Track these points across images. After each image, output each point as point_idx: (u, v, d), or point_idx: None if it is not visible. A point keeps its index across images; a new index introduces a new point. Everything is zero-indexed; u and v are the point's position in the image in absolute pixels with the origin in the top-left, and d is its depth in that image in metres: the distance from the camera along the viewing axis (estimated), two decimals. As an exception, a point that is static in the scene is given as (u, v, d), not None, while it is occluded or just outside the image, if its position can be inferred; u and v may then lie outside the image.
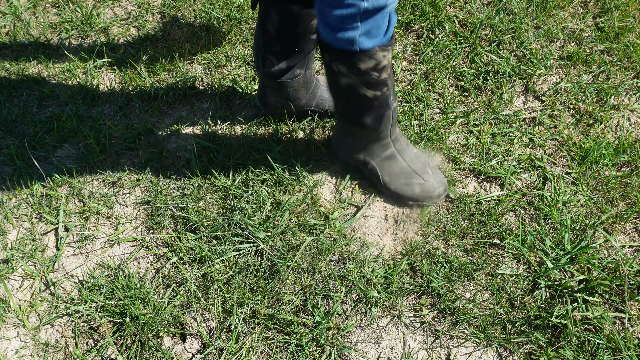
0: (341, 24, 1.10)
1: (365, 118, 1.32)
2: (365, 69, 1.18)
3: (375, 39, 1.14)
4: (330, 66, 1.22)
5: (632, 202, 1.46)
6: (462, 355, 1.27)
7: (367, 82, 1.22)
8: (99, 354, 1.29)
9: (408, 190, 1.44)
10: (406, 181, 1.44)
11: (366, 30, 1.11)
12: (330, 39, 1.15)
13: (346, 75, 1.21)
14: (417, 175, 1.44)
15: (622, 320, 1.29)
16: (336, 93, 1.31)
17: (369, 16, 1.08)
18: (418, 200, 1.44)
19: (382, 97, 1.27)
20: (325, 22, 1.13)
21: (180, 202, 1.49)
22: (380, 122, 1.34)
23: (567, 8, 1.89)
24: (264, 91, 1.57)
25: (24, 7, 2.00)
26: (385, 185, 1.46)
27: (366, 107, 1.29)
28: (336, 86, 1.27)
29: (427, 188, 1.44)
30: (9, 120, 1.70)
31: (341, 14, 1.07)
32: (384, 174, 1.45)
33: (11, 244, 1.46)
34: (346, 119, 1.39)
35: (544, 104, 1.68)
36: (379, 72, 1.21)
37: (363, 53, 1.15)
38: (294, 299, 1.33)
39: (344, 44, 1.14)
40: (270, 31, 1.37)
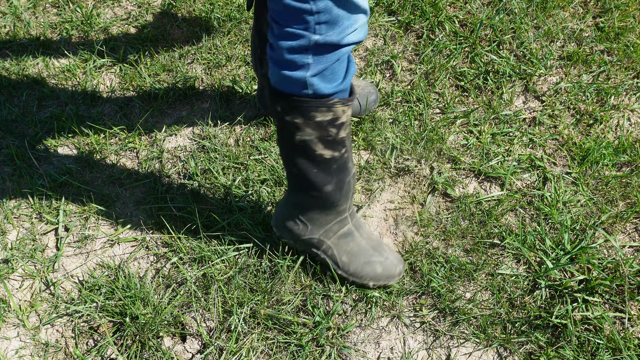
0: (290, 59, 0.98)
1: (325, 185, 1.17)
2: (322, 121, 1.06)
3: (331, 84, 1.02)
4: (283, 119, 1.08)
5: (632, 202, 1.46)
6: (462, 355, 1.27)
7: (324, 139, 1.09)
8: (99, 354, 1.29)
9: (369, 270, 1.30)
10: (366, 260, 1.30)
11: (319, 70, 0.99)
12: (281, 82, 1.03)
13: (301, 128, 1.07)
14: (376, 252, 1.31)
15: (622, 320, 1.29)
16: (291, 154, 1.15)
17: (321, 53, 0.98)
18: (379, 280, 1.31)
19: (340, 159, 1.14)
20: (274, 59, 1.02)
21: (181, 202, 1.49)
22: (340, 190, 1.20)
23: (567, 8, 1.89)
24: (263, 92, 1.57)
25: (24, 7, 2.00)
26: (343, 267, 1.31)
27: (324, 171, 1.15)
28: (291, 144, 1.12)
29: (388, 266, 1.31)
30: (9, 120, 1.70)
31: (291, 46, 0.97)
32: (341, 254, 1.30)
33: (11, 244, 1.46)
34: (302, 188, 1.21)
35: (544, 104, 1.68)
36: (337, 129, 1.09)
37: (319, 100, 1.03)
38: (294, 299, 1.33)
39: (297, 89, 1.02)
40: (265, 32, 1.37)
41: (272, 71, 1.04)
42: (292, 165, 1.17)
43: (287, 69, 1.00)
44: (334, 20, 0.94)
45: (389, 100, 1.68)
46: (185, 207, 1.48)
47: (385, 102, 1.68)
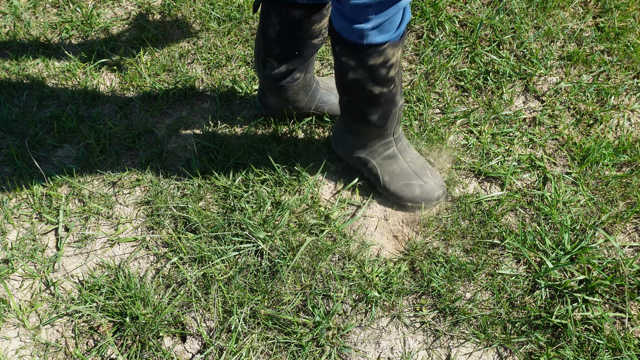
0: (355, 14, 1.08)
1: (371, 115, 1.31)
2: (374, 64, 1.17)
3: (386, 34, 1.12)
4: (340, 59, 1.21)
5: (632, 202, 1.46)
6: (462, 355, 1.27)
7: (375, 78, 1.21)
8: (99, 354, 1.29)
9: (407, 191, 1.43)
10: (406, 182, 1.43)
11: (378, 23, 1.09)
12: (342, 29, 1.13)
13: (354, 69, 1.19)
14: (417, 176, 1.43)
15: (622, 320, 1.29)
16: (343, 87, 1.29)
17: (383, 8, 1.06)
18: (417, 202, 1.43)
19: (389, 94, 1.26)
20: (339, 10, 1.11)
21: (181, 202, 1.49)
22: (385, 119, 1.32)
23: (567, 8, 1.89)
24: (264, 93, 1.57)
25: (24, 7, 2.00)
26: (384, 186, 1.44)
27: (372, 104, 1.28)
28: (343, 80, 1.25)
29: (427, 190, 1.43)
30: (9, 120, 1.70)
31: (356, 3, 1.05)
32: (383, 174, 1.43)
33: (11, 244, 1.46)
34: (351, 114, 1.37)
35: (544, 104, 1.68)
36: (388, 69, 1.19)
37: (372, 48, 1.14)
38: (294, 299, 1.33)
39: (354, 37, 1.12)
40: (271, 34, 1.37)
41: (336, 18, 1.14)
42: (344, 95, 1.31)
43: (349, 20, 1.10)
44: None
45: (389, 100, 1.68)
46: (185, 207, 1.48)
47: (385, 102, 1.68)
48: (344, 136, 1.45)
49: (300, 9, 1.29)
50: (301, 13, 1.29)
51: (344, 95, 1.32)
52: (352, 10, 1.08)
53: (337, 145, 1.50)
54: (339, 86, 1.31)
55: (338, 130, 1.48)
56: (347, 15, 1.10)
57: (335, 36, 1.18)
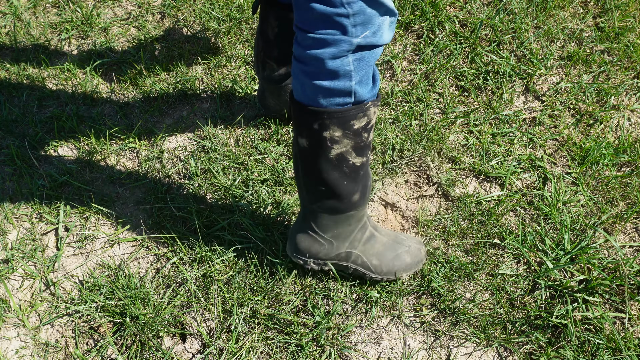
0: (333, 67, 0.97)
1: (353, 194, 1.16)
2: (358, 128, 1.06)
3: (367, 88, 1.03)
4: (320, 137, 1.05)
5: (632, 202, 1.46)
6: (462, 355, 1.27)
7: (357, 146, 1.09)
8: (99, 354, 1.29)
9: (400, 263, 1.31)
10: (393, 254, 1.31)
11: (360, 77, 0.99)
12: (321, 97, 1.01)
13: (339, 141, 1.06)
14: (398, 244, 1.32)
15: (622, 320, 1.29)
16: (321, 173, 1.12)
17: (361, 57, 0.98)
18: (412, 269, 1.32)
19: (366, 164, 1.15)
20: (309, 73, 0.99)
21: (181, 202, 1.49)
22: (364, 197, 1.20)
23: (567, 8, 1.89)
24: (264, 94, 1.57)
25: (24, 7, 2.00)
26: (376, 270, 1.30)
27: (354, 180, 1.14)
28: (324, 162, 1.09)
29: (414, 252, 1.33)
30: (9, 120, 1.70)
31: (332, 53, 0.95)
32: (371, 259, 1.29)
33: (11, 244, 1.46)
34: (328, 206, 1.19)
35: (544, 104, 1.68)
36: (368, 133, 1.09)
37: (358, 107, 1.03)
38: (294, 299, 1.33)
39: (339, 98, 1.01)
40: (269, 36, 1.37)
41: (306, 87, 1.01)
42: (321, 183, 1.13)
43: (329, 79, 0.98)
44: (367, 21, 0.94)
45: (389, 100, 1.68)
46: (185, 207, 1.48)
47: (386, 102, 1.68)
48: (314, 242, 1.26)
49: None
50: None
51: (322, 183, 1.13)
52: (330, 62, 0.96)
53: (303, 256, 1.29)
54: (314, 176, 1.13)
55: (301, 239, 1.27)
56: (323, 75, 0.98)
57: (309, 113, 1.03)
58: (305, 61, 0.98)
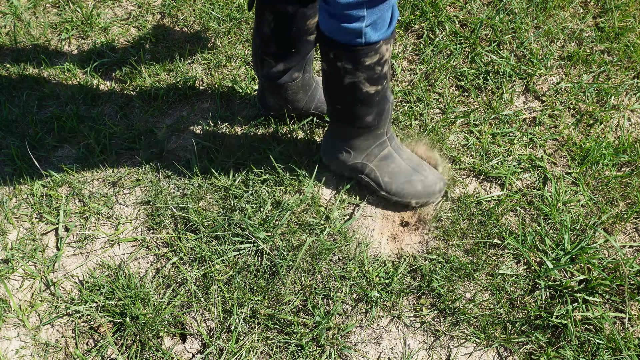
0: (347, 13, 1.07)
1: (367, 116, 1.30)
2: (370, 63, 1.17)
3: (379, 31, 1.12)
4: (335, 64, 1.20)
5: (633, 202, 1.46)
6: (462, 355, 1.27)
7: (371, 78, 1.21)
8: (99, 354, 1.29)
9: (410, 188, 1.42)
10: (406, 179, 1.41)
11: (372, 21, 1.09)
12: (336, 32, 1.13)
13: (351, 72, 1.19)
14: (416, 172, 1.42)
15: (622, 320, 1.29)
16: (338, 94, 1.28)
17: (375, 5, 1.07)
18: (421, 197, 1.42)
19: (382, 91, 1.26)
20: (330, 12, 1.10)
21: (181, 202, 1.49)
22: (380, 118, 1.32)
23: (567, 8, 1.89)
24: (263, 93, 1.57)
25: (25, 7, 2.00)
26: (385, 187, 1.43)
27: (368, 104, 1.27)
28: (339, 86, 1.24)
29: (428, 184, 1.42)
30: (10, 120, 1.70)
31: (348, 2, 1.05)
32: (383, 175, 1.42)
33: (11, 244, 1.46)
34: (346, 121, 1.35)
35: (544, 104, 1.68)
36: (382, 66, 1.20)
37: (369, 47, 1.14)
38: (294, 299, 1.33)
39: (350, 37, 1.12)
40: (266, 32, 1.37)
41: (327, 22, 1.13)
42: (337, 102, 1.29)
43: (344, 21, 1.09)
44: None
45: (389, 100, 1.68)
46: (185, 207, 1.48)
47: (386, 102, 1.68)
48: (336, 147, 1.43)
49: (294, 4, 1.30)
50: (294, 8, 1.30)
51: (338, 103, 1.30)
52: (344, 9, 1.07)
53: (329, 159, 1.47)
54: (332, 95, 1.30)
55: (329, 143, 1.45)
56: (339, 17, 1.09)
57: (328, 42, 1.17)
58: (328, 1, 1.09)
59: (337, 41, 1.14)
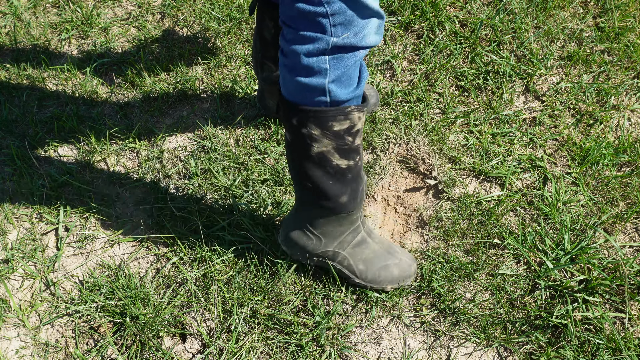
0: (307, 64, 0.97)
1: (341, 196, 1.16)
2: (339, 130, 1.05)
3: (347, 89, 1.02)
4: (299, 132, 1.06)
5: (633, 202, 1.46)
6: (462, 355, 1.27)
7: (341, 149, 1.08)
8: (99, 354, 1.29)
9: (387, 274, 1.30)
10: (382, 264, 1.29)
11: (336, 77, 0.99)
12: (297, 93, 1.02)
13: (318, 139, 1.06)
14: (390, 255, 1.31)
15: (622, 320, 1.29)
16: (306, 168, 1.12)
17: (338, 57, 0.97)
18: (398, 282, 1.31)
19: (355, 168, 1.13)
20: (289, 67, 1.00)
21: (181, 202, 1.49)
22: (355, 200, 1.19)
23: (567, 8, 1.89)
24: (263, 94, 1.57)
25: (25, 7, 2.00)
26: (360, 275, 1.30)
27: (340, 182, 1.14)
28: (306, 158, 1.10)
29: (404, 267, 1.31)
30: (10, 120, 1.70)
31: (307, 50, 0.96)
32: (357, 263, 1.29)
33: (11, 244, 1.46)
34: (317, 203, 1.19)
35: (544, 104, 1.68)
36: (353, 137, 1.08)
37: (337, 109, 1.02)
38: (294, 299, 1.33)
39: (313, 96, 1.01)
40: (266, 36, 1.37)
41: (286, 81, 1.02)
42: (306, 179, 1.14)
43: (304, 75, 0.99)
44: (349, 22, 0.94)
45: (389, 101, 1.68)
46: (185, 207, 1.48)
47: (386, 102, 1.68)
48: (303, 234, 1.27)
49: None
50: None
51: (307, 180, 1.14)
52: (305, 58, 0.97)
53: (292, 247, 1.31)
54: (300, 171, 1.14)
55: (292, 229, 1.29)
56: (299, 70, 0.99)
57: (290, 107, 1.04)
58: (286, 54, 1.00)
59: (300, 105, 1.03)
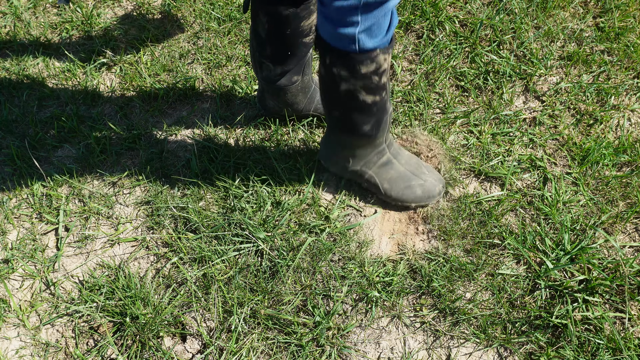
0: (341, 17, 1.05)
1: (364, 126, 1.28)
2: (366, 72, 1.15)
3: (375, 38, 1.09)
4: (330, 70, 1.17)
5: (633, 202, 1.46)
6: (462, 355, 1.27)
7: (368, 87, 1.18)
8: (99, 354, 1.29)
9: (410, 193, 1.42)
10: (406, 184, 1.42)
11: (367, 27, 1.07)
12: (330, 36, 1.11)
13: (346, 79, 1.17)
14: (415, 176, 1.42)
15: (622, 320, 1.29)
16: (334, 101, 1.26)
17: (369, 10, 1.04)
18: (421, 201, 1.43)
19: (381, 102, 1.23)
20: (325, 15, 1.08)
21: (181, 202, 1.49)
22: (378, 128, 1.30)
23: (567, 8, 1.89)
24: (263, 94, 1.57)
25: (25, 7, 2.00)
26: (385, 193, 1.43)
27: (365, 114, 1.25)
28: (335, 93, 1.22)
29: (428, 187, 1.42)
30: (10, 120, 1.70)
31: (341, 5, 1.03)
32: (382, 182, 1.42)
33: (11, 244, 1.46)
34: (343, 128, 1.32)
35: (544, 104, 1.68)
36: (380, 76, 1.17)
37: (364, 55, 1.11)
38: (294, 299, 1.33)
39: (345, 43, 1.10)
40: (261, 34, 1.37)
41: (323, 25, 1.11)
42: (335, 110, 1.28)
43: (338, 25, 1.07)
44: None
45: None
46: (185, 207, 1.48)
47: (386, 102, 1.68)
48: (335, 152, 1.42)
49: (286, 5, 1.29)
50: (288, 9, 1.29)
51: (335, 110, 1.28)
52: (337, 13, 1.05)
53: (328, 162, 1.47)
54: (329, 101, 1.27)
55: (327, 147, 1.44)
56: (333, 20, 1.07)
57: (324, 46, 1.15)
58: (323, 3, 1.07)
59: (332, 45, 1.12)
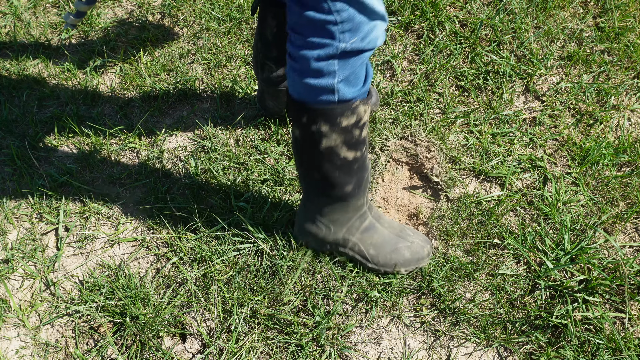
0: (317, 67, 1.01)
1: (346, 186, 1.21)
2: (347, 125, 1.10)
3: (354, 88, 1.06)
4: (309, 129, 1.11)
5: (633, 202, 1.46)
6: (462, 355, 1.27)
7: (349, 142, 1.13)
8: (99, 354, 1.29)
9: (398, 257, 1.32)
10: (392, 248, 1.32)
11: (345, 76, 1.03)
12: (307, 91, 1.06)
13: (327, 135, 1.10)
14: (401, 239, 1.33)
15: (622, 320, 1.29)
16: (313, 161, 1.17)
17: (347, 58, 1.01)
18: (410, 265, 1.33)
19: (361, 158, 1.18)
20: (299, 71, 1.04)
21: (180, 202, 1.49)
22: (359, 188, 1.23)
23: (567, 8, 1.89)
24: (263, 95, 1.57)
25: (25, 7, 2.00)
26: (372, 260, 1.33)
27: (346, 172, 1.18)
28: (315, 152, 1.14)
29: (416, 249, 1.33)
30: (10, 120, 1.70)
31: (319, 55, 1.00)
32: (367, 248, 1.32)
33: (11, 244, 1.46)
34: (324, 193, 1.24)
35: (544, 104, 1.68)
36: (360, 130, 1.12)
37: (345, 105, 1.07)
38: (294, 299, 1.33)
39: (323, 96, 1.05)
40: (268, 37, 1.37)
41: (295, 83, 1.07)
42: (315, 172, 1.19)
43: (313, 77, 1.03)
44: (357, 28, 0.98)
45: (389, 100, 1.68)
46: (185, 207, 1.48)
47: (386, 102, 1.68)
48: (314, 222, 1.32)
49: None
50: None
51: (314, 171, 1.19)
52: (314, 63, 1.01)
53: (307, 236, 1.35)
54: (307, 162, 1.19)
55: (305, 219, 1.33)
56: (309, 73, 1.03)
57: (300, 106, 1.09)
58: (295, 59, 1.03)
59: (309, 103, 1.07)
